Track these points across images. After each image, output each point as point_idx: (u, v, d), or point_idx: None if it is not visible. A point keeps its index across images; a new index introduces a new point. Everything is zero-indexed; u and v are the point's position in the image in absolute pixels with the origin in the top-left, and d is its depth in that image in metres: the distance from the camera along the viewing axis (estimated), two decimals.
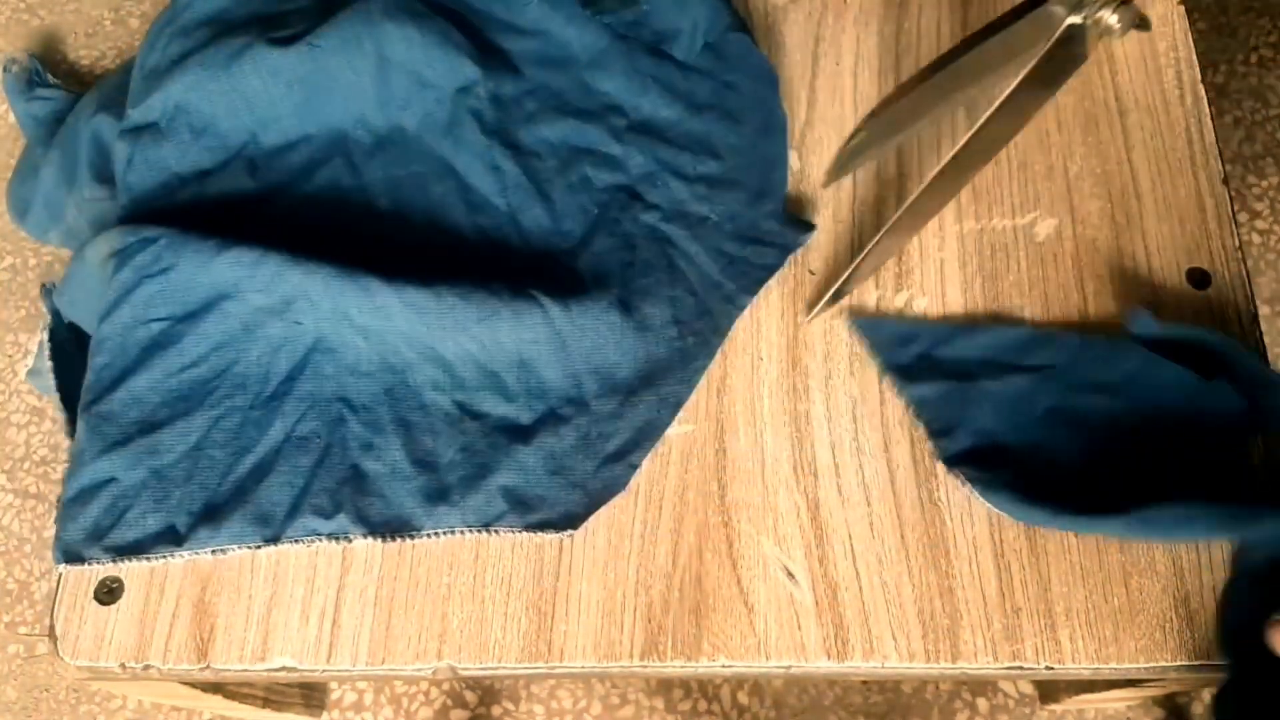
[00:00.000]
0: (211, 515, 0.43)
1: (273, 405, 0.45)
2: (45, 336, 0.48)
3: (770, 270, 0.49)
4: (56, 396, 0.47)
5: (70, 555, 0.43)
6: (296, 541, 0.43)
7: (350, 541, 0.43)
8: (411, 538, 0.43)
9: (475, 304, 0.45)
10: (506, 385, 0.46)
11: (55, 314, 0.48)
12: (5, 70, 0.87)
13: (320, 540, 0.43)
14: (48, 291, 0.49)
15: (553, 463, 0.45)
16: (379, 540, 0.43)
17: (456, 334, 0.45)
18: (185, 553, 0.43)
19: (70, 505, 0.43)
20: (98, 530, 0.43)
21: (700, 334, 0.47)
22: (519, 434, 0.45)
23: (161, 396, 0.45)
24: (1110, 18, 0.39)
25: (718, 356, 0.48)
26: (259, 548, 0.43)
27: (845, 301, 0.49)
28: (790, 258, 0.50)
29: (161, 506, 0.43)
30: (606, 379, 0.46)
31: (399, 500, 0.44)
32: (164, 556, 0.43)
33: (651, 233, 0.49)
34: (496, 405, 0.45)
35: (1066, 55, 0.40)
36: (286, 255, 0.45)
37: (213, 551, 0.43)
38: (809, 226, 0.50)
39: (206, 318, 0.46)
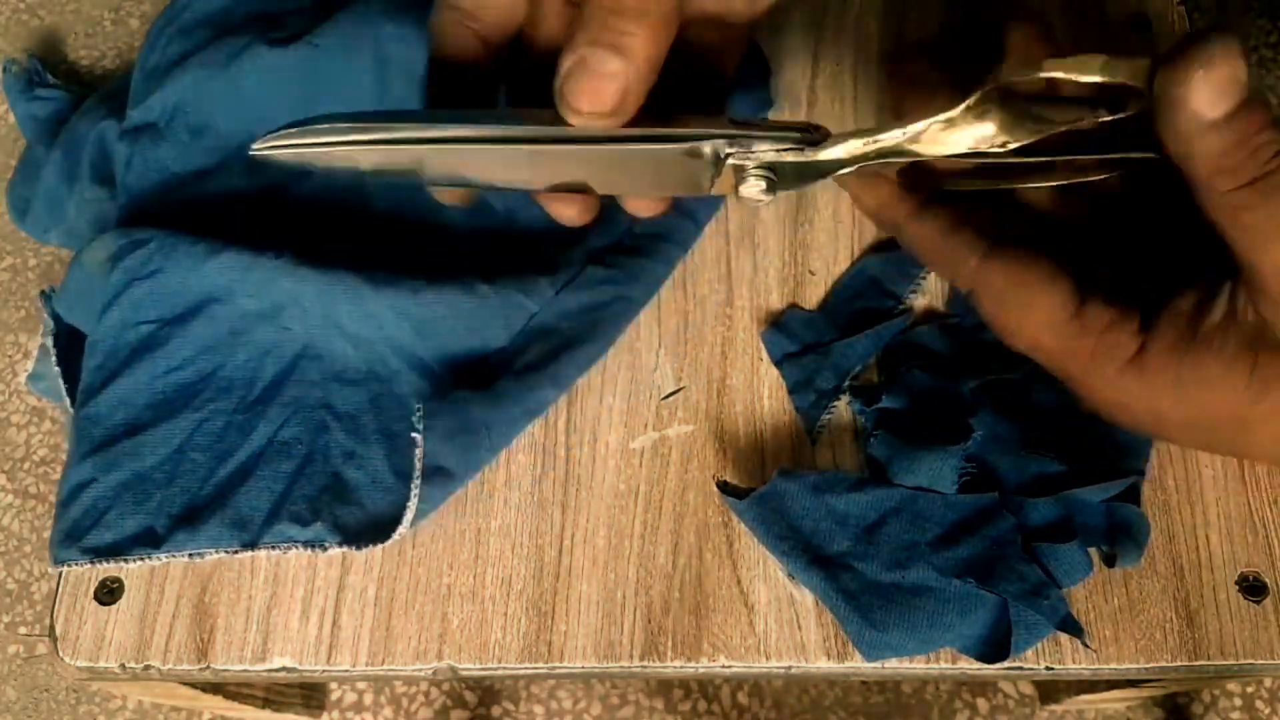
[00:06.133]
0: (190, 518, 0.42)
1: (257, 410, 0.45)
2: (49, 342, 0.48)
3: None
4: (66, 400, 0.47)
5: (54, 557, 0.43)
6: (273, 548, 0.42)
7: (325, 550, 0.42)
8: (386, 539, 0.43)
9: (464, 315, 0.45)
10: None
11: (56, 318, 0.48)
12: (5, 70, 0.87)
13: (296, 548, 0.42)
14: (47, 297, 0.49)
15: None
16: (353, 549, 0.42)
17: (446, 342, 0.45)
18: (162, 555, 0.42)
19: (59, 508, 0.43)
20: (76, 531, 0.42)
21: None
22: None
23: (147, 399, 0.44)
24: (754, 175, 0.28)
25: (718, 356, 0.48)
26: (236, 553, 0.42)
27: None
28: (791, 258, 0.50)
29: (141, 509, 0.43)
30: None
31: (379, 511, 0.43)
32: (141, 559, 0.42)
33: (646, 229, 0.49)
34: None
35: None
36: (279, 260, 0.45)
37: (189, 555, 0.42)
38: None
39: (194, 321, 0.45)
